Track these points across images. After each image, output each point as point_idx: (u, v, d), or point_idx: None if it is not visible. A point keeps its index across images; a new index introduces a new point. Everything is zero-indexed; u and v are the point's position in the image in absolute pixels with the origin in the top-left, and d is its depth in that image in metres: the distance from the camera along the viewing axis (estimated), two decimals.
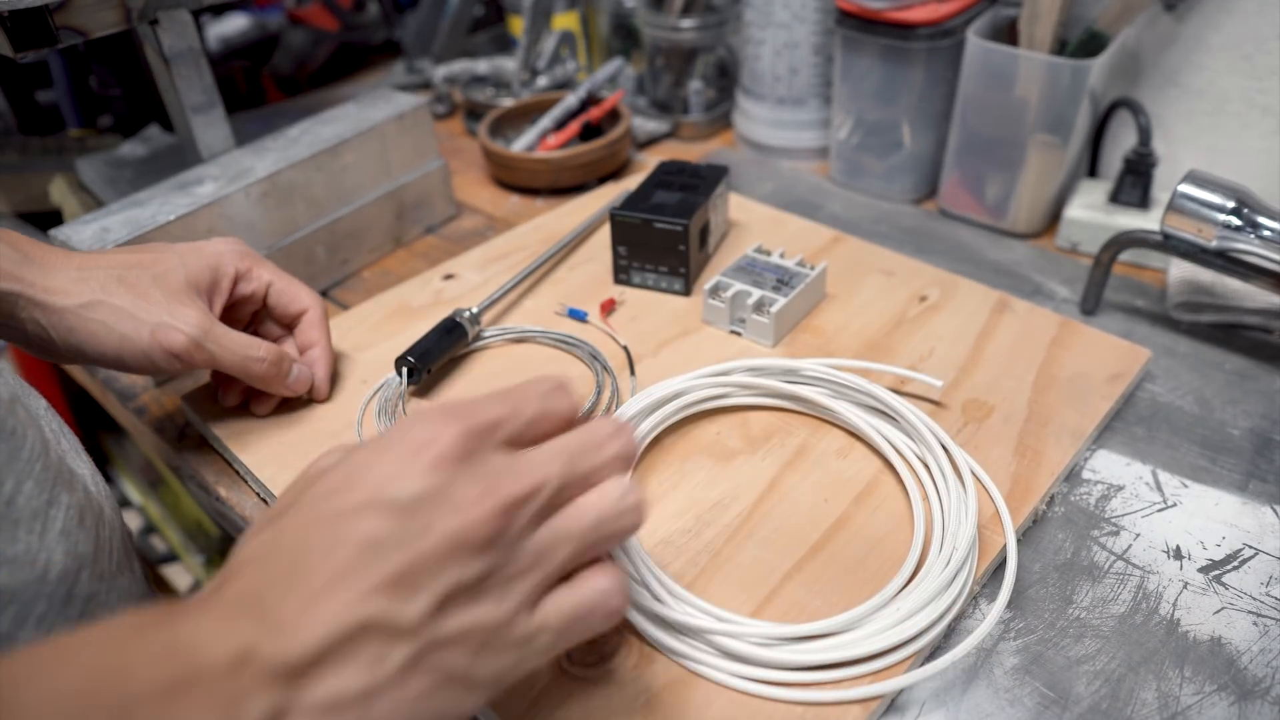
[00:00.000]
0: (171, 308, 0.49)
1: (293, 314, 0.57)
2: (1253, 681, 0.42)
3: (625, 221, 0.66)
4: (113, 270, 0.49)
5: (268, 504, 0.53)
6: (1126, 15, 0.69)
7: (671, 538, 0.48)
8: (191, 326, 0.49)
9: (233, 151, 0.70)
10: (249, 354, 0.51)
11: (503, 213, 0.84)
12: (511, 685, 0.40)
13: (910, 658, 0.41)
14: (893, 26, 0.74)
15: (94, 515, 0.40)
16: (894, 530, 0.48)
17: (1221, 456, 0.54)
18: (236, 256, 0.54)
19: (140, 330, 0.48)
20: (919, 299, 0.65)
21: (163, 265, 0.50)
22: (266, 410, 0.57)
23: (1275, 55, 0.68)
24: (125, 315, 0.48)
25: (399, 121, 0.74)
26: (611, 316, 0.65)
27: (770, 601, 0.44)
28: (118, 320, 0.47)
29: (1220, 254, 0.59)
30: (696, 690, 0.41)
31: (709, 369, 0.56)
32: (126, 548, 0.45)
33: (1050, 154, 0.72)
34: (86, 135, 0.91)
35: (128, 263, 0.49)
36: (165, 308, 0.49)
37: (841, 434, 0.54)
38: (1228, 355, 0.62)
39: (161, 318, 0.48)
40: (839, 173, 0.86)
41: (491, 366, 0.61)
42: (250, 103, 1.03)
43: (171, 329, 0.48)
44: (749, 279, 0.63)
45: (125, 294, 0.48)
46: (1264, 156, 0.71)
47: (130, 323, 0.48)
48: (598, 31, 1.06)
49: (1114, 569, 0.48)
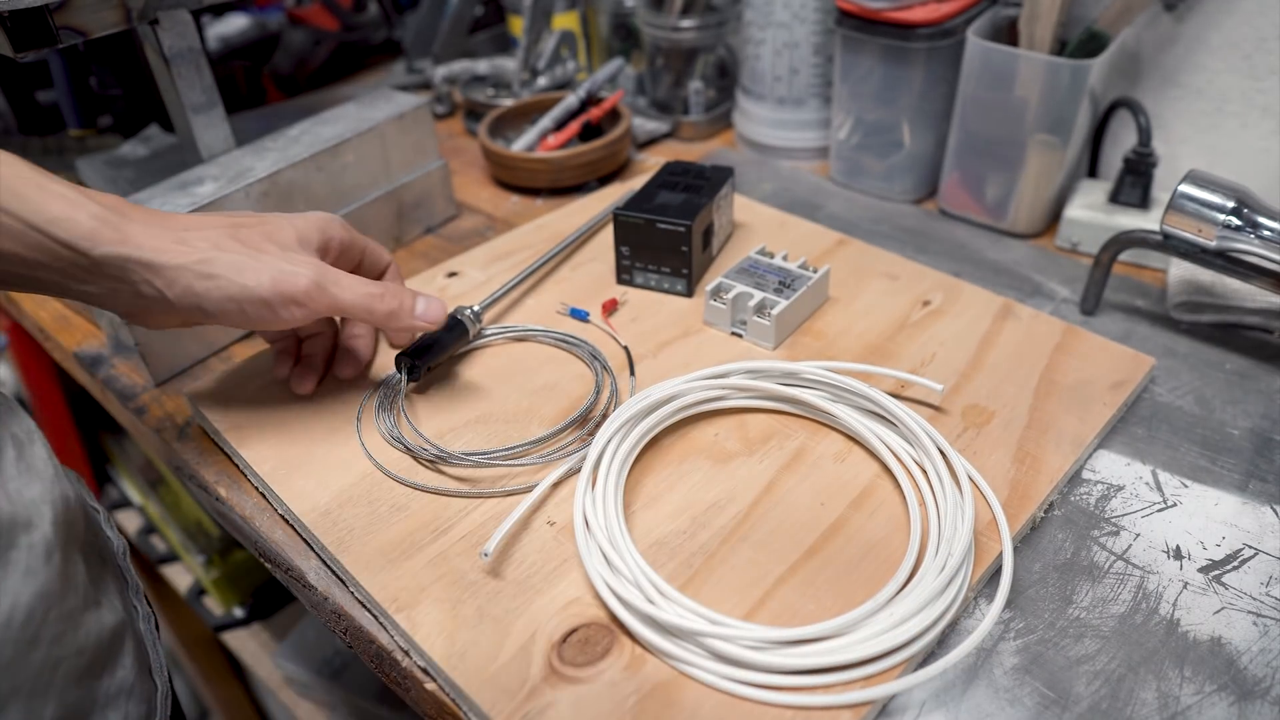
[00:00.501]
0: (288, 256, 0.49)
1: (378, 274, 0.59)
2: (1253, 681, 0.42)
3: (628, 222, 0.66)
4: (223, 229, 0.49)
5: (268, 501, 0.53)
6: (1126, 15, 0.69)
7: (666, 539, 0.48)
8: (312, 269, 0.49)
9: (233, 151, 0.70)
10: (369, 290, 0.52)
11: (503, 213, 0.84)
12: (502, 684, 0.40)
13: (904, 663, 0.41)
14: (893, 26, 0.74)
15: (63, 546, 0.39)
16: (890, 535, 0.48)
17: (1221, 456, 0.54)
18: (339, 225, 0.55)
19: (261, 279, 0.48)
20: (922, 303, 0.65)
21: (272, 224, 0.51)
22: (308, 388, 0.57)
23: (1275, 55, 0.68)
24: (244, 267, 0.48)
25: (399, 121, 0.74)
26: (613, 317, 0.65)
27: (764, 604, 0.44)
28: (237, 272, 0.47)
29: (1220, 254, 0.59)
30: (688, 692, 0.41)
31: (708, 371, 0.56)
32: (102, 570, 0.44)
33: (1050, 154, 0.72)
34: (86, 135, 0.91)
35: (235, 222, 0.50)
36: (282, 257, 0.49)
37: (840, 437, 0.54)
38: (1228, 355, 0.62)
39: (277, 266, 0.49)
40: (839, 173, 0.86)
41: (491, 364, 0.61)
42: (250, 103, 1.03)
43: (293, 274, 0.49)
44: (751, 281, 0.63)
45: (240, 248, 0.48)
46: (1264, 156, 0.71)
47: (250, 273, 0.48)
48: (598, 31, 1.06)
49: (1114, 569, 0.47)
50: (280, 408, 0.57)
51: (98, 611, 0.42)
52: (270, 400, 0.58)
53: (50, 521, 0.39)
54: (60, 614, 0.38)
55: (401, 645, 0.45)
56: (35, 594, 0.37)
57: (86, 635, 0.40)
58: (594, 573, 0.45)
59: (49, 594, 0.38)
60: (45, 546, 0.38)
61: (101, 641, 0.41)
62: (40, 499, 0.39)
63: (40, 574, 0.37)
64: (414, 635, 0.43)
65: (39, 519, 0.39)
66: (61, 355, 0.71)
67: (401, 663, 0.44)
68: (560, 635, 0.43)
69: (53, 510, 0.40)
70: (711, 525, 0.49)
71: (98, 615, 0.42)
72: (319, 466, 0.53)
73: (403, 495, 0.51)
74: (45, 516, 0.39)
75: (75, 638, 0.39)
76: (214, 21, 1.08)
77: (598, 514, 0.47)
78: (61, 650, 0.38)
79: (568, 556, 0.47)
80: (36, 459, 0.41)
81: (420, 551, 0.48)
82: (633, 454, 0.51)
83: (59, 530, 0.40)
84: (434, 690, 0.43)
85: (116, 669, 0.43)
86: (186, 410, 0.61)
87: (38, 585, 0.37)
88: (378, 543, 0.48)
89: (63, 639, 0.38)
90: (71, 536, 0.42)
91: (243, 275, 0.47)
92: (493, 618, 0.44)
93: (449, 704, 0.42)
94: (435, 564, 0.47)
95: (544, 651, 0.42)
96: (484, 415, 0.56)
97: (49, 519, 0.39)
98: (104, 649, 0.42)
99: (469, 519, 0.49)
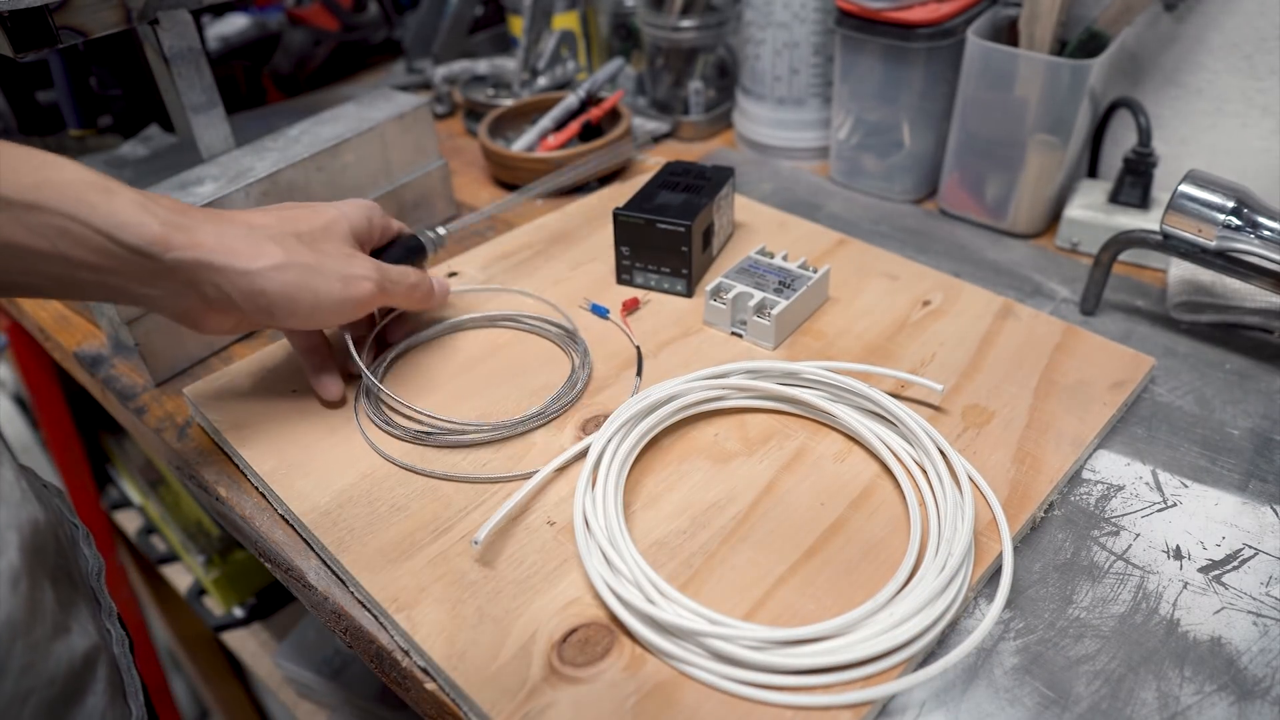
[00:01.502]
0: (348, 259, 0.52)
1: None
2: (1253, 681, 0.42)
3: (628, 221, 0.66)
4: (287, 229, 0.50)
5: (268, 501, 0.53)
6: (1126, 15, 0.69)
7: (666, 539, 0.48)
8: (372, 270, 0.52)
9: (233, 151, 0.70)
10: (411, 282, 0.56)
11: (503, 213, 0.84)
12: (502, 684, 0.40)
13: (904, 663, 0.41)
14: (893, 26, 0.74)
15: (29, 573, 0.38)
16: (890, 535, 0.48)
17: (1221, 456, 0.54)
18: (379, 212, 0.58)
19: (332, 285, 0.50)
20: (922, 303, 0.65)
21: (325, 217, 0.52)
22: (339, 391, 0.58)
23: (1275, 55, 0.68)
24: (315, 273, 0.50)
25: (399, 121, 0.74)
26: (632, 316, 0.65)
27: (764, 604, 0.44)
28: (310, 278, 0.49)
29: (1220, 254, 0.59)
30: (688, 692, 0.41)
31: (708, 371, 0.56)
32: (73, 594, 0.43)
33: (1050, 154, 0.72)
34: (86, 135, 0.91)
35: (293, 216, 0.51)
36: (343, 260, 0.51)
37: (840, 437, 0.54)
38: (1228, 355, 0.62)
39: (344, 270, 0.51)
40: (839, 173, 0.86)
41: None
42: (250, 103, 1.03)
43: (359, 280, 0.52)
44: (751, 281, 0.63)
45: (309, 253, 0.50)
46: (1264, 156, 0.71)
47: (321, 279, 0.50)
48: (598, 31, 1.06)
49: (1114, 569, 0.47)
50: (280, 408, 0.57)
51: (68, 638, 0.41)
52: (270, 400, 0.58)
53: (16, 548, 0.38)
54: (28, 643, 0.37)
55: (401, 645, 0.45)
56: (1, 624, 0.36)
57: (57, 664, 0.39)
58: (594, 573, 0.45)
59: (14, 623, 0.37)
60: (11, 574, 0.37)
61: (73, 669, 0.40)
62: (5, 525, 0.38)
63: (6, 603, 0.36)
64: (414, 635, 0.43)
65: (4, 546, 0.38)
66: (61, 355, 0.71)
67: (401, 663, 0.44)
68: (560, 635, 0.43)
69: (19, 536, 0.39)
70: (711, 525, 0.49)
71: (68, 642, 0.40)
72: (319, 466, 0.53)
73: (403, 495, 0.51)
74: (11, 543, 0.38)
75: (45, 667, 0.38)
76: (214, 21, 1.08)
77: (598, 514, 0.47)
78: (31, 680, 0.37)
79: (568, 556, 0.47)
80: (2, 483, 0.40)
81: (420, 551, 0.48)
82: (633, 454, 0.51)
83: (25, 556, 0.39)
84: (434, 690, 0.43)
85: (88, 696, 0.41)
86: (186, 410, 0.61)
87: (3, 615, 0.36)
88: (378, 543, 0.48)
89: (32, 669, 0.37)
90: (40, 562, 0.40)
91: (314, 281, 0.49)
92: (493, 618, 0.44)
93: (449, 704, 0.42)
94: (435, 564, 0.47)
95: (544, 651, 0.42)
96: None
97: (15, 545, 0.38)
98: (75, 676, 0.40)
99: (469, 519, 0.49)
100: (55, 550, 0.43)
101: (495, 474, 0.52)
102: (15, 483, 0.41)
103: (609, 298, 0.67)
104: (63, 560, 0.44)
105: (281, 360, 0.61)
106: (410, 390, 0.58)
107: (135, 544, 1.20)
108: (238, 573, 1.11)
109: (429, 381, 0.59)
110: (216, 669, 1.25)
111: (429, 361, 0.61)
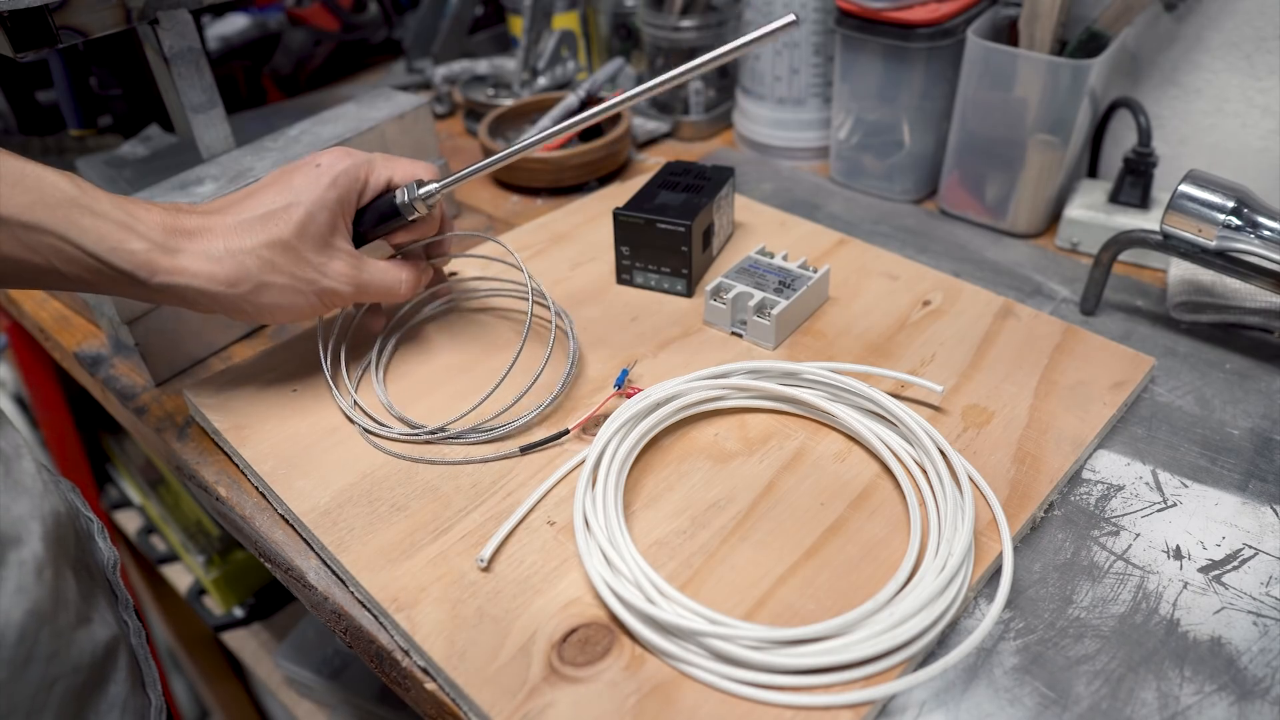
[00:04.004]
0: (323, 264, 0.53)
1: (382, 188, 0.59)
2: (1253, 681, 0.42)
3: (628, 221, 0.66)
4: (262, 251, 0.50)
5: (268, 501, 0.53)
6: (1126, 15, 0.69)
7: (666, 539, 0.48)
8: (345, 281, 0.54)
9: (233, 151, 0.70)
10: (389, 284, 0.56)
11: (503, 213, 0.84)
12: (502, 684, 0.40)
13: (904, 663, 0.41)
14: (893, 26, 0.74)
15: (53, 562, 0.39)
16: (890, 535, 0.48)
17: (1221, 456, 0.54)
18: (350, 177, 0.54)
19: (308, 299, 0.53)
20: (922, 303, 0.65)
21: (294, 217, 0.51)
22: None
23: (1275, 55, 0.68)
24: (289, 290, 0.52)
25: (399, 121, 0.74)
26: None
27: (764, 604, 0.44)
28: (283, 295, 0.52)
29: (1220, 254, 0.58)
30: (687, 692, 0.41)
31: (708, 371, 0.56)
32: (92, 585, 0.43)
33: (1050, 154, 0.72)
34: (86, 135, 0.91)
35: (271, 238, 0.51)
36: (318, 267, 0.53)
37: (840, 438, 0.54)
38: (1228, 355, 0.62)
39: (317, 280, 0.52)
40: (839, 173, 0.86)
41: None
42: (250, 103, 1.03)
43: (332, 291, 0.53)
44: (751, 281, 0.63)
45: (280, 274, 0.51)
46: (1264, 156, 0.71)
47: (294, 294, 0.52)
48: (598, 31, 1.06)
49: (1114, 569, 0.47)
50: (280, 408, 0.57)
51: (89, 628, 0.41)
52: (270, 400, 0.58)
53: (39, 537, 0.39)
54: (53, 631, 0.38)
55: (401, 645, 0.45)
56: (27, 612, 0.36)
57: (80, 652, 0.40)
58: (594, 573, 0.45)
59: (41, 611, 0.37)
60: (35, 563, 0.38)
61: (96, 658, 0.41)
62: (29, 515, 0.39)
63: (31, 591, 0.37)
64: (414, 635, 0.43)
65: (28, 535, 0.38)
66: (61, 355, 0.71)
67: (401, 663, 0.44)
68: (560, 635, 0.43)
69: (42, 526, 0.39)
70: (711, 525, 0.49)
71: (90, 631, 0.41)
72: (319, 466, 0.53)
73: (403, 495, 0.51)
74: (34, 532, 0.39)
75: (70, 655, 0.39)
76: (214, 21, 1.08)
77: (598, 514, 0.47)
78: (57, 668, 0.38)
79: (568, 556, 0.47)
80: (24, 474, 0.41)
81: (420, 551, 0.48)
82: (633, 454, 0.51)
83: (49, 546, 0.39)
84: (434, 690, 0.43)
85: (110, 685, 0.42)
86: (186, 410, 0.61)
87: (29, 603, 0.37)
88: (378, 543, 0.48)
89: (57, 656, 0.38)
90: (62, 552, 0.41)
91: (287, 297, 0.52)
92: (493, 618, 0.44)
93: (449, 704, 0.42)
94: (435, 564, 0.47)
95: (544, 651, 0.42)
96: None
97: (38, 535, 0.39)
98: (98, 665, 0.41)
99: (469, 519, 0.49)
100: (75, 542, 0.44)
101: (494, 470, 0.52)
102: (36, 475, 0.42)
103: (609, 297, 0.67)
104: (81, 552, 0.45)
105: (281, 360, 0.61)
106: (410, 390, 0.58)
107: (135, 544, 1.20)
108: (238, 573, 1.11)
109: (429, 381, 0.59)
110: (216, 669, 1.25)
111: (429, 360, 0.61)
